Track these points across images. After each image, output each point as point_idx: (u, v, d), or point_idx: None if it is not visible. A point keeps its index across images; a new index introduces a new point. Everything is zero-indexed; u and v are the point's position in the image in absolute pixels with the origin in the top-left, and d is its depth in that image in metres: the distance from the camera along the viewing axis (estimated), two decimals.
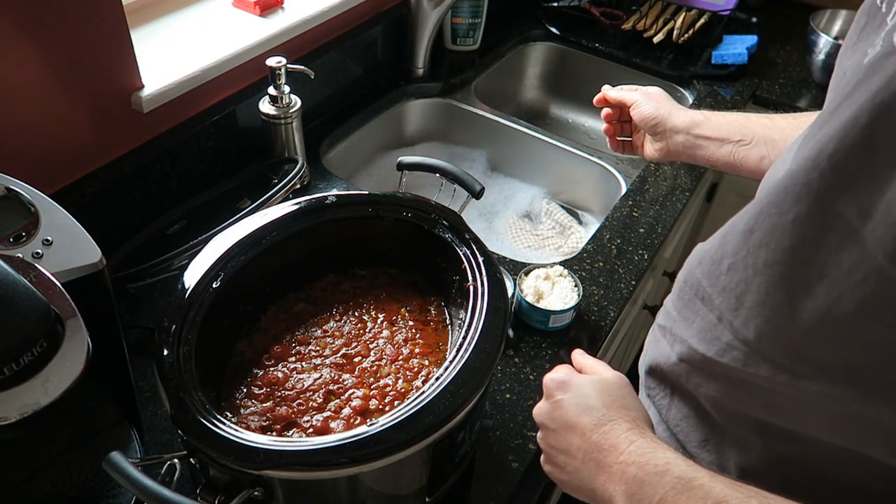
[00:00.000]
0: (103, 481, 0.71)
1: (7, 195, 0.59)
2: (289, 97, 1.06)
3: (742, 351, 0.50)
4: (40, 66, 0.83)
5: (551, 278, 0.96)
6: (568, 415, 0.59)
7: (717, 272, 0.52)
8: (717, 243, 0.53)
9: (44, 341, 0.50)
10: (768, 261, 0.46)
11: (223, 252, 0.70)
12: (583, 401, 0.59)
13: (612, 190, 1.27)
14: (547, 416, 0.61)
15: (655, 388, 0.66)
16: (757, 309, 0.48)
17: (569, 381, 0.61)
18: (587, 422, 0.57)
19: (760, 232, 0.46)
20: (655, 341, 0.65)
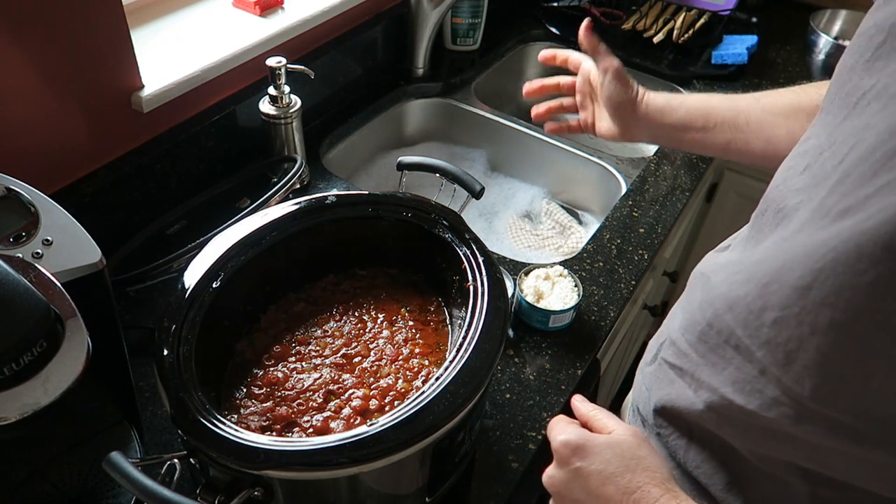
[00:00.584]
0: (103, 481, 0.71)
1: (7, 195, 0.59)
2: (289, 97, 1.06)
3: (793, 408, 0.47)
4: (40, 66, 0.83)
5: (551, 278, 0.96)
6: (590, 485, 0.54)
7: (758, 324, 0.48)
8: (755, 292, 0.49)
9: (44, 341, 0.50)
10: (834, 322, 0.43)
11: (223, 252, 0.70)
12: (605, 468, 0.54)
13: (612, 190, 1.27)
14: (565, 486, 0.57)
15: (668, 427, 0.62)
16: (815, 368, 0.45)
17: (584, 446, 0.56)
18: (612, 491, 0.53)
19: (822, 291, 0.43)
20: (668, 381, 0.61)
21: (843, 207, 0.43)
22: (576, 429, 0.59)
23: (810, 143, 0.52)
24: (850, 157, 0.45)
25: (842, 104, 0.49)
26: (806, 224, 0.47)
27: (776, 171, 0.56)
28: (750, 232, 0.57)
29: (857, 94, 0.47)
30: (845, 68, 0.50)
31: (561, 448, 0.57)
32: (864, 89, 0.46)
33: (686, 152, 1.30)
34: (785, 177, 0.53)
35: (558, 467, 0.58)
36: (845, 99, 0.49)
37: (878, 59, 0.46)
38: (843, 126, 0.48)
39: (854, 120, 0.46)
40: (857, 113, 0.46)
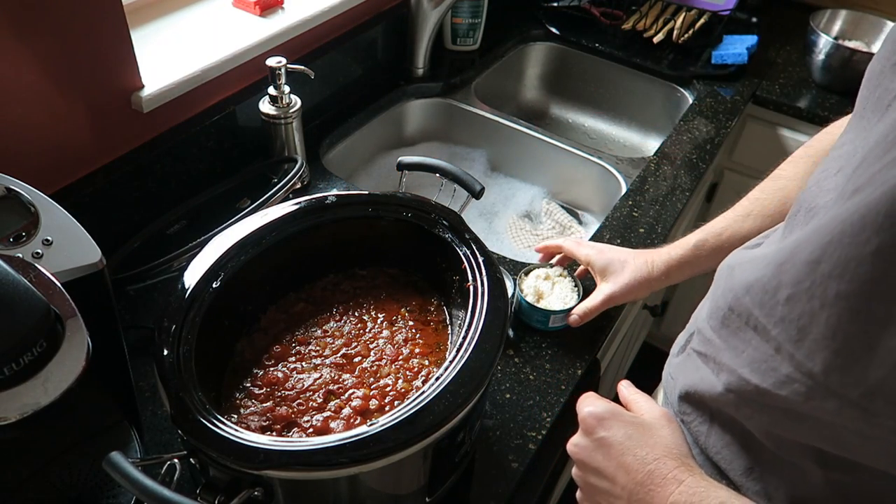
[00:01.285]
0: (103, 481, 0.71)
1: (7, 195, 0.59)
2: (289, 97, 1.06)
3: (804, 384, 0.48)
4: (40, 66, 0.83)
5: (551, 278, 0.96)
6: (611, 454, 0.58)
7: (773, 302, 0.49)
8: (770, 272, 0.50)
9: (44, 341, 0.50)
10: (841, 293, 0.43)
11: (223, 252, 0.70)
12: (626, 440, 0.58)
13: (612, 190, 1.27)
14: (588, 455, 0.60)
15: (691, 413, 0.64)
16: (825, 342, 0.45)
17: (610, 419, 0.60)
18: (631, 461, 0.57)
19: (829, 263, 0.44)
20: (694, 368, 0.62)
21: (854, 187, 0.45)
22: (604, 402, 0.63)
23: (845, 149, 0.53)
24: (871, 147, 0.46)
25: (874, 108, 0.50)
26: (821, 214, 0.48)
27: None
28: (783, 233, 0.58)
29: (888, 97, 0.48)
30: (875, 73, 0.51)
31: (588, 418, 0.61)
32: (894, 91, 0.47)
33: (687, 154, 1.30)
34: (818, 179, 0.54)
35: (584, 436, 0.62)
36: (877, 103, 0.50)
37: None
38: (876, 128, 0.49)
39: (886, 121, 0.47)
40: (890, 114, 0.47)
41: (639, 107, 1.61)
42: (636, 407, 0.64)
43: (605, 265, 0.92)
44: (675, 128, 1.37)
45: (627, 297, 0.91)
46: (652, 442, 0.58)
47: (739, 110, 1.44)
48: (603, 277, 0.93)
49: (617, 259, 0.92)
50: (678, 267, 0.88)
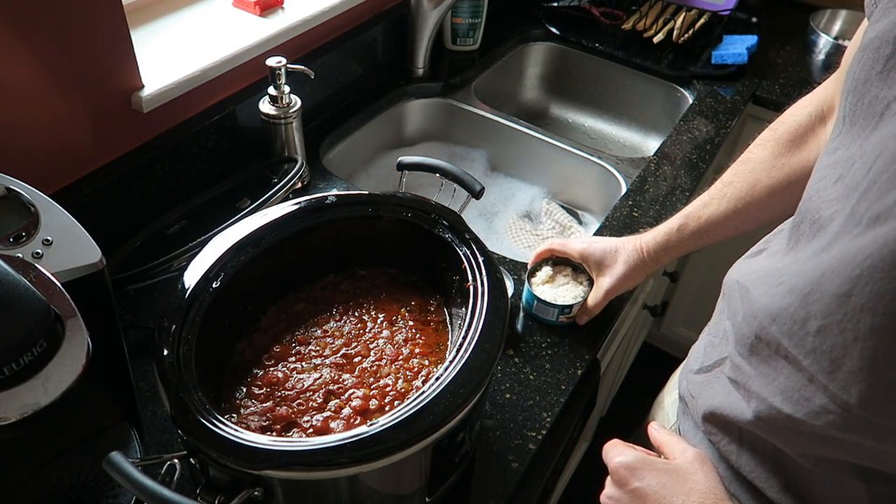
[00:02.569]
0: (103, 481, 0.71)
1: (7, 195, 0.59)
2: (289, 97, 1.06)
3: (840, 415, 0.47)
4: (40, 66, 0.83)
5: (559, 273, 0.97)
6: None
7: (803, 333, 0.49)
8: (797, 302, 0.49)
9: (44, 341, 0.50)
10: (875, 327, 0.43)
11: (223, 252, 0.70)
12: (660, 489, 0.58)
13: (612, 190, 1.27)
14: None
15: (718, 434, 0.64)
16: (861, 374, 0.45)
17: (642, 468, 0.60)
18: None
19: (861, 297, 0.44)
20: (725, 392, 0.62)
21: (874, 214, 0.44)
22: (633, 451, 0.62)
23: (840, 154, 0.53)
24: (877, 165, 0.46)
25: (867, 115, 0.50)
26: (840, 234, 0.48)
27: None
28: (788, 244, 0.57)
29: (880, 105, 0.48)
30: (859, 81, 0.51)
31: (619, 469, 0.60)
32: (888, 100, 0.47)
33: (687, 154, 1.30)
34: (818, 188, 0.54)
35: (617, 487, 0.61)
36: (868, 110, 0.50)
37: (893, 70, 0.47)
38: (872, 136, 0.48)
39: (882, 129, 0.47)
40: (885, 122, 0.47)
41: (639, 107, 1.61)
42: (669, 450, 0.63)
43: (598, 259, 0.93)
44: (675, 128, 1.37)
45: (626, 286, 0.92)
46: (687, 489, 0.58)
47: (739, 110, 1.44)
48: (599, 271, 0.93)
49: (609, 250, 0.92)
50: (664, 250, 0.89)
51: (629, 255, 0.91)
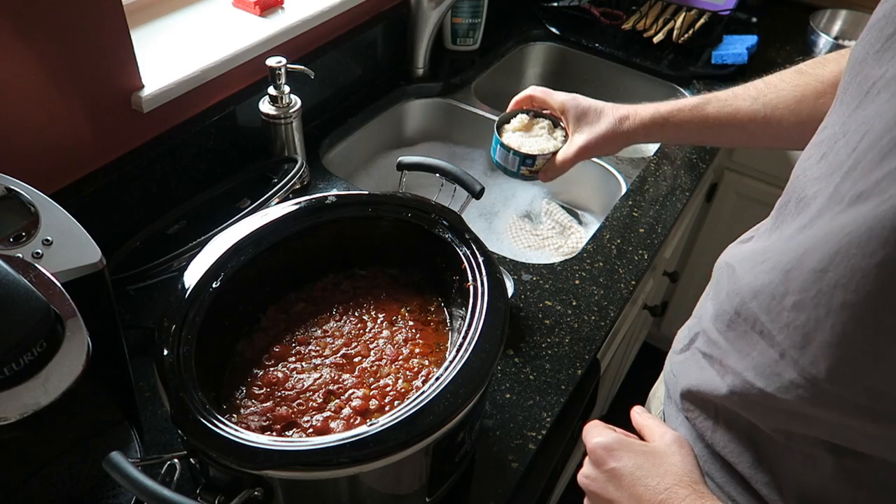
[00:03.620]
0: (103, 481, 0.71)
1: (7, 195, 0.59)
2: (289, 97, 1.06)
3: (808, 390, 0.48)
4: (40, 67, 0.83)
5: (533, 124, 0.90)
6: (623, 485, 0.58)
7: (779, 308, 0.50)
8: (777, 278, 0.50)
9: (44, 341, 0.50)
10: (846, 303, 0.44)
11: (223, 252, 0.70)
12: (636, 470, 0.58)
13: (612, 190, 1.27)
14: (600, 486, 0.60)
15: (695, 410, 0.64)
16: (830, 349, 0.46)
17: (620, 449, 0.60)
18: (643, 491, 0.57)
19: (836, 273, 0.44)
20: (699, 368, 0.63)
21: (856, 193, 0.45)
22: (611, 432, 0.62)
23: (826, 133, 0.53)
24: (862, 145, 0.46)
25: (854, 94, 0.50)
26: (823, 210, 0.48)
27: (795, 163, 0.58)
28: (774, 223, 0.58)
29: (867, 83, 0.49)
30: (857, 59, 0.51)
31: (597, 449, 0.61)
32: (875, 79, 0.48)
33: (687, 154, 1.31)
34: (804, 167, 0.55)
35: (594, 467, 0.61)
36: (857, 88, 0.50)
37: (888, 50, 0.47)
38: (855, 115, 0.49)
39: (866, 108, 0.48)
40: (869, 102, 0.48)
41: None
42: (648, 433, 0.63)
43: (580, 114, 0.85)
44: None
45: (603, 150, 0.85)
46: (662, 471, 0.58)
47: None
48: (577, 127, 0.86)
49: (594, 107, 0.85)
50: (663, 123, 0.83)
51: (616, 118, 0.84)
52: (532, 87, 0.92)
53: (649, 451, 0.60)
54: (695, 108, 0.82)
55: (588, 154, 0.85)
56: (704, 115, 0.82)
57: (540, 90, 0.91)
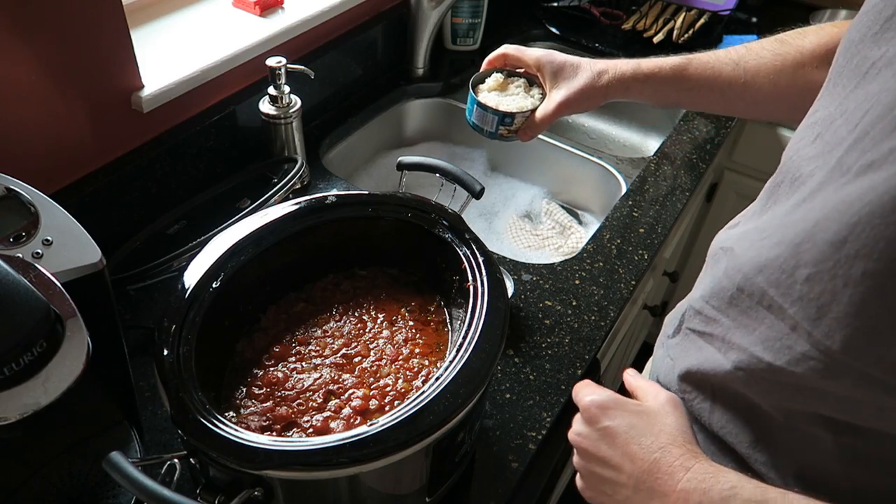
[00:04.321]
0: (103, 481, 0.71)
1: (7, 195, 0.59)
2: (289, 97, 1.06)
3: (821, 361, 0.48)
4: (40, 66, 0.83)
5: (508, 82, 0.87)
6: (617, 443, 0.58)
7: (791, 282, 0.49)
8: (787, 252, 0.50)
9: (44, 341, 0.50)
10: (868, 272, 0.44)
11: (223, 252, 0.70)
12: (630, 429, 0.58)
13: (612, 190, 1.27)
14: (592, 444, 0.60)
15: (692, 392, 0.64)
16: (847, 320, 0.46)
17: (614, 408, 0.60)
18: (636, 450, 0.56)
19: (857, 243, 0.44)
20: (697, 348, 0.63)
21: (866, 163, 0.45)
22: (604, 391, 0.62)
23: (819, 115, 0.54)
24: (866, 119, 0.46)
25: (851, 75, 0.50)
26: (824, 184, 0.48)
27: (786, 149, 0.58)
28: (765, 203, 0.58)
29: (866, 64, 0.49)
30: (853, 42, 0.51)
31: (591, 407, 0.60)
32: (874, 59, 0.48)
33: (687, 154, 1.31)
34: (797, 148, 0.55)
35: (586, 425, 0.61)
36: (854, 70, 0.50)
37: (888, 31, 0.47)
38: (854, 94, 0.49)
39: (866, 87, 0.48)
40: (869, 81, 0.48)
41: (639, 107, 1.61)
42: (642, 394, 0.63)
43: (556, 70, 0.83)
44: (675, 128, 1.37)
45: (582, 105, 0.83)
46: (657, 430, 0.58)
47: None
48: (554, 83, 0.83)
49: (570, 62, 0.83)
50: (643, 80, 0.81)
51: (594, 73, 0.82)
52: (505, 46, 0.90)
53: (643, 411, 0.60)
54: (676, 68, 0.81)
55: (567, 110, 0.82)
56: (685, 75, 0.81)
57: (513, 48, 0.89)
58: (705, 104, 0.84)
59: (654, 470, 0.55)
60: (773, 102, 0.78)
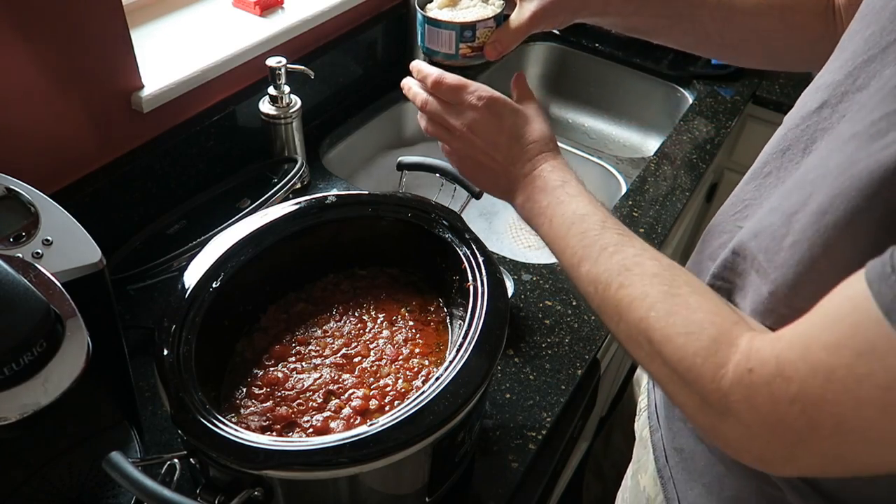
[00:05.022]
0: (103, 481, 0.71)
1: (7, 195, 0.59)
2: (289, 97, 1.06)
3: None
4: (40, 67, 0.83)
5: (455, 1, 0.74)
6: (498, 138, 0.65)
7: (777, 248, 0.51)
8: (779, 220, 0.51)
9: (44, 341, 0.50)
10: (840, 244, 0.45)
11: (223, 252, 0.70)
12: (513, 126, 0.66)
13: (612, 190, 1.27)
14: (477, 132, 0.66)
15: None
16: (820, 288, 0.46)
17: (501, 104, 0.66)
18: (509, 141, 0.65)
19: (835, 214, 0.45)
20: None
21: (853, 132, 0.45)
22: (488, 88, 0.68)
23: (825, 79, 0.54)
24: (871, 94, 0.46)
25: (866, 45, 0.50)
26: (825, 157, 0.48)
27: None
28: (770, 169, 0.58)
29: (887, 37, 0.48)
30: (874, 9, 0.51)
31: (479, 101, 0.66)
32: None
33: (687, 154, 1.30)
34: (802, 115, 0.55)
35: (474, 112, 0.66)
36: (870, 40, 0.50)
37: None
38: (868, 68, 0.49)
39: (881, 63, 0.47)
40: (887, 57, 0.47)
41: (639, 107, 1.61)
42: (519, 94, 0.70)
43: None
44: (675, 128, 1.37)
45: (558, 17, 0.72)
46: (530, 129, 0.66)
47: (739, 110, 1.44)
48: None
49: None
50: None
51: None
52: None
53: (521, 111, 0.67)
54: None
55: (542, 22, 0.72)
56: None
57: None
58: (678, 35, 0.77)
59: (521, 160, 0.64)
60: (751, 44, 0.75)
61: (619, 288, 0.53)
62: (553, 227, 0.61)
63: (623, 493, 0.81)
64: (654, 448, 0.71)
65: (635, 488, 0.76)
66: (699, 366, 0.46)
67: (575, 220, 0.59)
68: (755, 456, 0.46)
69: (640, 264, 0.54)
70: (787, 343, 0.43)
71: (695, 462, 0.64)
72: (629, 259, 0.54)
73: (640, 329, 0.51)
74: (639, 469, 0.76)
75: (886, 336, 0.37)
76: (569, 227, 0.59)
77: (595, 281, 0.56)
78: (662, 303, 0.50)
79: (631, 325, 0.52)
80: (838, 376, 0.39)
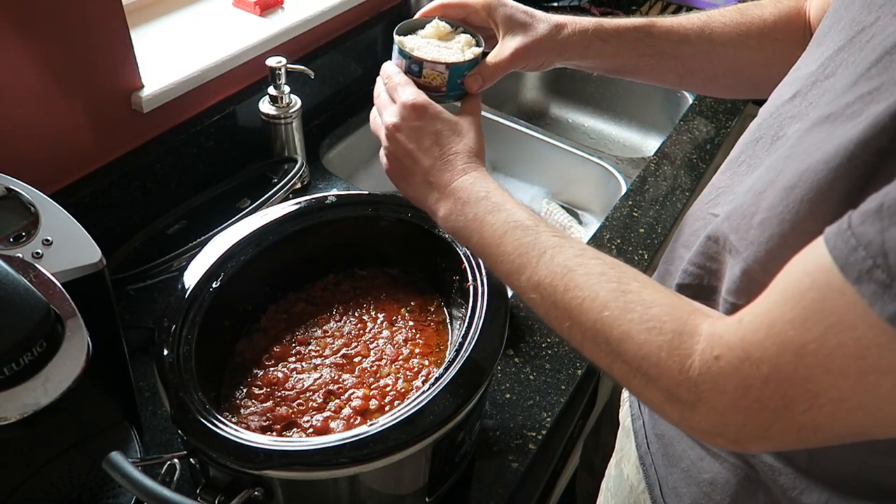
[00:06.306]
0: (103, 481, 0.71)
1: (7, 195, 0.59)
2: (289, 97, 1.06)
3: None
4: (40, 67, 0.83)
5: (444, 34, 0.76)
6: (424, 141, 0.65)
7: (748, 226, 0.51)
8: (749, 199, 0.51)
9: (44, 341, 0.50)
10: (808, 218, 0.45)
11: (223, 252, 0.70)
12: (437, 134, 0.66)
13: (612, 190, 1.27)
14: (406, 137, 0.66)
15: None
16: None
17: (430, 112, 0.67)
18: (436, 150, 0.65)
19: (803, 189, 0.45)
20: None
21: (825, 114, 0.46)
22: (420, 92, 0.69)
23: (800, 72, 0.55)
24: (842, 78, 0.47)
25: (836, 37, 0.51)
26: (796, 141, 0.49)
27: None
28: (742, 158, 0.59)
29: (855, 27, 0.49)
30: (844, 3, 0.52)
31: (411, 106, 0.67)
32: (864, 24, 0.48)
33: (687, 154, 1.31)
34: (776, 105, 0.56)
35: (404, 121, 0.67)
36: (841, 32, 0.50)
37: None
38: (838, 57, 0.49)
39: (849, 52, 0.48)
40: (854, 46, 0.48)
41: (639, 107, 1.61)
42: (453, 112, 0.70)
43: (509, 14, 0.73)
44: (675, 128, 1.37)
45: (538, 58, 0.73)
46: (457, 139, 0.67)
47: (739, 110, 1.44)
48: (508, 29, 0.73)
49: (526, 10, 0.74)
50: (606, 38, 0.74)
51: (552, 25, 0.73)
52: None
53: (452, 121, 0.68)
54: (640, 28, 0.75)
55: (521, 61, 0.73)
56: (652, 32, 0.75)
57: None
58: (662, 72, 0.77)
59: (442, 169, 0.64)
60: (733, 76, 0.76)
61: (565, 291, 0.52)
62: (484, 237, 0.59)
63: (607, 482, 0.81)
64: (636, 435, 0.72)
65: (619, 477, 0.76)
66: (664, 360, 0.46)
67: (507, 228, 0.58)
68: (729, 439, 0.46)
69: (584, 264, 0.53)
70: (750, 324, 0.43)
71: (674, 447, 0.64)
72: (571, 260, 0.53)
73: (596, 330, 0.50)
74: (622, 458, 0.76)
75: (852, 304, 0.37)
76: (501, 236, 0.58)
77: (538, 287, 0.54)
78: (615, 301, 0.50)
79: (585, 327, 0.51)
80: (809, 350, 0.39)
